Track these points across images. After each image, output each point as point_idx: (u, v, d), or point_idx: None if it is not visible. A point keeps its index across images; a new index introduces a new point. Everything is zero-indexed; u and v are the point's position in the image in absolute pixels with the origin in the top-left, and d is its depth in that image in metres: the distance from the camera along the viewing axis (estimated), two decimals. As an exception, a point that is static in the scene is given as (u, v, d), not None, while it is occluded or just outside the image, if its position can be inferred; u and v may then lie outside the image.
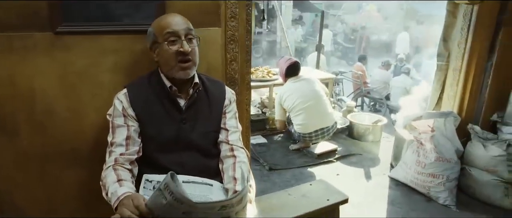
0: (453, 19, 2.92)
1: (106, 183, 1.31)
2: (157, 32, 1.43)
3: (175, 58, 1.40)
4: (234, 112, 1.63)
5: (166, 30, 1.40)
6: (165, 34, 1.40)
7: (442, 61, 3.04)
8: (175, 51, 1.40)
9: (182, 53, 1.40)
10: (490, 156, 2.68)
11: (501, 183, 2.66)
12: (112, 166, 1.34)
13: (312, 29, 13.76)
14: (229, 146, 1.55)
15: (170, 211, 1.08)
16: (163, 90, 1.47)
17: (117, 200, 1.20)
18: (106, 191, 1.29)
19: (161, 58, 1.44)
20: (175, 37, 1.40)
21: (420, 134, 2.85)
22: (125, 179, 1.31)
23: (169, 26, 1.40)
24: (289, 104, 3.47)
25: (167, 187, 1.02)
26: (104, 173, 1.35)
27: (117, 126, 1.42)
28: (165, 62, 1.44)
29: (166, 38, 1.40)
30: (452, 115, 2.86)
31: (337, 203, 1.93)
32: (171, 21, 1.42)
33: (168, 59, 1.41)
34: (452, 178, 2.72)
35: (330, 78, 4.65)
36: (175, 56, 1.40)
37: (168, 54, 1.40)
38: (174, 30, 1.40)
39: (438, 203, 2.73)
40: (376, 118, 4.18)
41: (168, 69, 1.44)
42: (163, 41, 1.41)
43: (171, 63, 1.42)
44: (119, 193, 1.22)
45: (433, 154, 2.73)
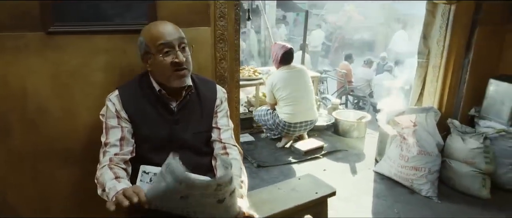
0: (432, 18, 3.04)
1: (102, 181, 1.32)
2: (149, 43, 1.41)
3: (170, 69, 1.40)
4: (226, 110, 1.66)
5: (159, 42, 1.38)
6: (159, 45, 1.38)
7: (422, 59, 3.15)
8: (170, 62, 1.39)
9: (177, 64, 1.40)
10: (469, 148, 2.80)
11: (478, 174, 2.79)
12: (108, 165, 1.36)
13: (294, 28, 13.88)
14: (222, 144, 1.59)
15: (168, 196, 1.10)
16: (154, 93, 1.49)
17: (116, 194, 1.22)
18: (102, 188, 1.31)
19: (155, 68, 1.43)
20: (169, 48, 1.39)
21: (403, 129, 2.96)
22: (122, 177, 1.34)
23: (162, 37, 1.39)
24: (282, 94, 3.54)
25: (168, 166, 1.05)
26: (99, 172, 1.36)
27: (111, 127, 1.44)
28: (160, 72, 1.43)
29: (160, 49, 1.38)
30: (432, 110, 2.98)
31: (326, 196, 2.00)
32: (163, 31, 1.40)
33: (164, 70, 1.41)
34: (433, 170, 2.83)
35: (315, 77, 4.73)
36: (170, 67, 1.40)
37: (163, 65, 1.39)
38: (167, 41, 1.38)
39: (420, 195, 2.84)
40: (360, 115, 4.29)
41: (164, 79, 1.44)
42: (156, 53, 1.39)
43: (167, 74, 1.41)
44: (118, 188, 1.24)
45: (415, 148, 2.84)
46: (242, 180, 1.51)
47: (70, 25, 1.54)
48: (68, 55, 1.57)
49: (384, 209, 2.71)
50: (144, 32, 1.45)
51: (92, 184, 1.70)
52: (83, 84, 1.63)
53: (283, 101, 3.57)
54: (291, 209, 1.88)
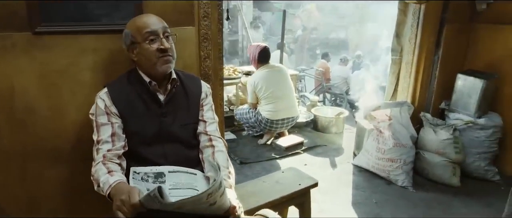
0: (404, 17, 3.20)
1: (97, 177, 1.36)
2: (135, 33, 1.48)
3: (156, 55, 1.48)
4: (211, 104, 1.73)
5: (145, 30, 1.46)
6: (145, 33, 1.46)
7: (396, 56, 3.31)
8: (155, 49, 1.47)
9: (163, 50, 1.48)
10: (440, 140, 2.98)
11: (449, 163, 2.96)
12: (102, 161, 1.40)
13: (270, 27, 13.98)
14: (207, 136, 1.65)
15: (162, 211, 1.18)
16: (143, 86, 1.54)
17: (109, 187, 1.27)
18: (97, 183, 1.35)
19: (141, 56, 1.50)
20: (154, 36, 1.48)
21: (379, 123, 3.10)
22: (115, 170, 1.38)
23: (147, 26, 1.47)
24: (264, 94, 3.63)
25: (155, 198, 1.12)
26: (94, 169, 1.40)
27: (101, 125, 1.47)
28: (146, 60, 1.50)
29: (145, 37, 1.47)
30: (406, 104, 3.14)
31: (308, 187, 2.09)
32: (147, 21, 1.49)
33: (150, 57, 1.48)
34: (408, 161, 2.98)
35: (294, 75, 4.85)
36: (156, 53, 1.48)
37: (149, 52, 1.47)
38: (152, 29, 1.47)
39: (397, 185, 2.99)
40: (338, 111, 4.43)
41: (150, 66, 1.50)
42: (143, 41, 1.47)
43: (153, 60, 1.48)
44: (111, 181, 1.29)
45: (391, 141, 2.98)
46: (229, 171, 1.57)
47: (58, 25, 1.56)
48: (55, 55, 1.59)
49: (363, 199, 2.83)
50: (129, 25, 1.52)
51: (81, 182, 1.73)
52: (71, 84, 1.65)
53: (265, 100, 3.66)
54: (276, 200, 1.96)
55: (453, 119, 3.15)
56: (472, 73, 3.07)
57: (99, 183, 1.34)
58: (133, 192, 1.21)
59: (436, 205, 2.74)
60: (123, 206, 1.18)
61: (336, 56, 8.67)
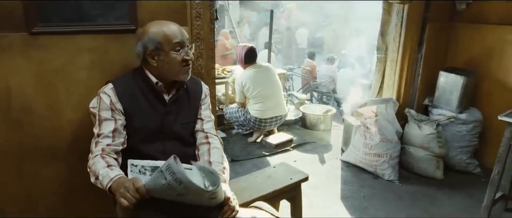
0: (388, 17, 3.30)
1: (95, 169, 1.39)
2: (163, 41, 1.51)
3: (180, 65, 1.54)
4: (208, 104, 1.80)
5: (175, 41, 1.51)
6: (174, 44, 1.51)
7: (381, 54, 3.41)
8: (181, 59, 1.54)
9: (187, 61, 1.55)
10: (424, 134, 3.09)
11: (433, 157, 3.08)
12: (100, 154, 1.43)
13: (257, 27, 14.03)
14: (204, 133, 1.71)
15: (167, 192, 1.23)
16: (148, 86, 1.58)
17: (110, 181, 1.31)
18: (95, 175, 1.38)
19: (164, 64, 1.54)
20: (181, 47, 1.54)
21: (365, 119, 3.20)
22: (114, 165, 1.42)
23: (176, 37, 1.52)
24: (252, 93, 3.69)
25: (169, 167, 1.17)
26: (92, 161, 1.43)
27: (104, 119, 1.50)
28: (169, 67, 1.54)
29: (174, 47, 1.52)
30: (391, 101, 3.25)
31: (300, 181, 2.16)
32: (176, 31, 1.54)
33: (175, 65, 1.54)
34: (394, 156, 3.09)
35: (282, 74, 4.92)
36: (181, 63, 1.54)
37: (175, 61, 1.53)
38: (181, 41, 1.53)
39: (383, 179, 3.09)
40: (326, 109, 4.53)
41: (172, 73, 1.56)
42: (170, 50, 1.52)
43: (176, 69, 1.55)
44: (112, 175, 1.33)
45: (377, 136, 3.08)
46: (224, 167, 1.64)
47: (54, 25, 1.59)
48: (52, 55, 1.62)
49: (351, 193, 2.92)
50: (153, 29, 1.52)
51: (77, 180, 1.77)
52: (67, 83, 1.68)
53: (254, 99, 3.72)
54: (268, 194, 2.02)
55: (436, 114, 3.27)
56: (453, 71, 3.20)
57: (97, 176, 1.37)
58: (137, 179, 1.26)
59: (421, 197, 2.85)
60: (127, 192, 1.22)
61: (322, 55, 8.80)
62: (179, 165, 1.20)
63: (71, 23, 1.63)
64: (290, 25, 12.02)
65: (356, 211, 2.67)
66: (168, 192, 1.22)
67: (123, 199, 1.22)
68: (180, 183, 1.18)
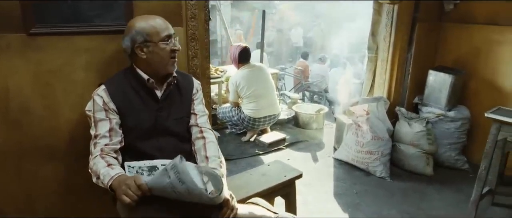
0: (378, 17, 3.37)
1: (96, 169, 1.42)
2: (151, 33, 1.56)
3: (169, 56, 1.60)
4: (201, 98, 1.83)
5: (164, 33, 1.58)
6: (163, 35, 1.57)
7: (372, 54, 3.48)
8: (170, 50, 1.60)
9: (175, 51, 1.62)
10: (414, 132, 3.16)
11: (423, 154, 3.16)
12: (99, 155, 1.46)
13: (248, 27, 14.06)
14: (198, 128, 1.75)
15: (168, 191, 1.26)
16: (140, 83, 1.61)
17: (111, 179, 1.34)
18: (96, 175, 1.41)
19: (154, 55, 1.58)
20: (170, 38, 1.60)
21: (357, 118, 3.26)
22: (114, 164, 1.45)
23: (165, 29, 1.59)
24: (245, 93, 3.74)
25: (174, 167, 1.20)
26: (92, 162, 1.46)
27: (99, 120, 1.53)
28: (159, 58, 1.59)
29: (163, 38, 1.57)
30: (382, 99, 3.31)
31: (293, 178, 2.20)
32: (162, 23, 1.60)
33: (164, 56, 1.59)
34: (385, 153, 3.16)
35: (274, 74, 4.97)
36: (169, 54, 1.60)
37: (164, 52, 1.59)
38: (170, 33, 1.60)
39: (375, 176, 3.16)
40: (318, 107, 4.59)
41: (161, 65, 1.60)
42: (159, 41, 1.57)
43: (166, 60, 1.60)
44: (112, 173, 1.36)
45: (369, 134, 3.15)
46: (221, 161, 1.68)
47: (52, 26, 1.61)
48: (49, 56, 1.64)
49: (344, 190, 2.98)
50: (140, 23, 1.57)
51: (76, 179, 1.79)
52: (65, 83, 1.70)
53: (247, 99, 3.77)
54: (263, 191, 2.06)
55: (425, 112, 3.34)
56: (442, 69, 3.28)
57: (98, 175, 1.40)
58: (138, 176, 1.30)
59: (412, 193, 2.92)
60: (129, 189, 1.25)
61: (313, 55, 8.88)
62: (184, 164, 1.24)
63: (68, 24, 1.65)
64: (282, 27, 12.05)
65: (349, 208, 2.72)
66: (170, 191, 1.26)
67: (125, 196, 1.25)
68: (183, 183, 1.22)
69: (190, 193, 1.26)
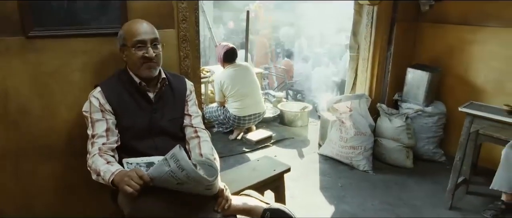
0: (359, 17, 3.51)
1: (95, 167, 1.48)
2: (126, 37, 1.62)
3: (140, 61, 1.62)
4: (194, 100, 1.91)
5: (135, 38, 1.60)
6: (134, 41, 1.61)
7: (353, 53, 3.62)
8: (141, 56, 1.62)
9: (147, 58, 1.63)
10: (394, 127, 3.32)
11: (403, 148, 3.32)
12: (98, 153, 1.53)
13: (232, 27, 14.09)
14: (193, 128, 1.83)
15: (168, 180, 1.34)
16: (133, 85, 1.68)
17: (112, 174, 1.41)
18: (97, 172, 1.47)
19: (129, 59, 1.65)
20: (142, 44, 1.62)
21: (341, 114, 3.40)
22: (113, 161, 1.52)
23: (138, 34, 1.61)
24: (230, 92, 3.83)
25: (173, 155, 1.29)
26: (91, 160, 1.52)
27: (96, 120, 1.59)
28: (132, 63, 1.65)
29: (134, 44, 1.61)
30: (364, 97, 3.46)
31: (282, 172, 2.32)
32: (140, 29, 1.62)
33: (135, 62, 1.63)
34: (368, 148, 3.30)
35: (258, 73, 5.07)
36: (140, 60, 1.62)
37: (135, 57, 1.62)
38: (142, 39, 1.61)
39: (359, 169, 3.30)
40: (303, 105, 4.72)
41: (135, 69, 1.66)
42: (131, 46, 1.61)
43: (137, 65, 1.64)
44: (113, 169, 1.43)
45: (352, 130, 3.29)
46: (215, 158, 1.77)
47: (49, 29, 1.66)
48: (47, 58, 1.69)
49: (330, 184, 3.11)
50: (124, 27, 1.66)
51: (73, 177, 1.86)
52: (62, 84, 1.75)
53: (232, 98, 3.86)
54: (254, 185, 2.16)
55: (405, 108, 3.51)
56: (419, 67, 3.45)
57: (99, 172, 1.46)
58: (139, 169, 1.38)
59: (394, 185, 3.08)
60: (131, 180, 1.33)
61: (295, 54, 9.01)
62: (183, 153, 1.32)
63: (65, 27, 1.70)
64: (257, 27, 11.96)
65: (335, 200, 2.85)
66: (170, 179, 1.34)
67: (128, 186, 1.32)
68: (183, 170, 1.30)
69: (190, 178, 1.33)
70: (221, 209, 1.57)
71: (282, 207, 1.69)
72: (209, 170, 1.57)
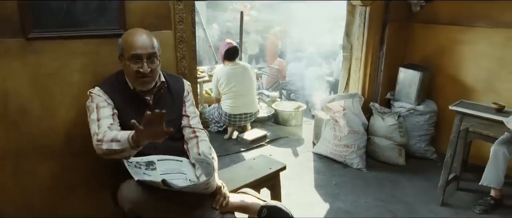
0: (352, 18, 3.57)
1: (109, 136, 1.46)
2: (124, 48, 1.63)
3: (134, 75, 1.63)
4: (192, 100, 1.94)
5: (131, 52, 1.60)
6: (130, 54, 1.60)
7: (346, 53, 3.68)
8: (136, 70, 1.62)
9: (141, 73, 1.62)
10: (387, 125, 3.39)
11: (395, 146, 3.39)
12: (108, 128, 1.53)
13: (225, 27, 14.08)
14: (191, 129, 1.86)
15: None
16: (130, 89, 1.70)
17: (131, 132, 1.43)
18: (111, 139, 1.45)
19: (125, 70, 1.67)
20: (138, 59, 1.61)
21: (334, 113, 3.45)
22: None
23: (135, 48, 1.60)
24: (225, 88, 3.88)
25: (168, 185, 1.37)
26: (101, 134, 1.49)
27: (102, 106, 1.59)
28: (128, 74, 1.67)
29: (130, 57, 1.61)
30: (357, 96, 3.52)
31: (278, 170, 2.36)
32: (137, 43, 1.60)
33: (130, 73, 1.65)
34: (361, 146, 3.37)
35: (253, 73, 5.11)
36: (135, 73, 1.63)
37: (130, 70, 1.63)
38: (137, 53, 1.59)
39: (352, 167, 3.37)
40: (297, 105, 4.77)
41: (131, 80, 1.68)
42: (127, 59, 1.62)
43: (131, 77, 1.65)
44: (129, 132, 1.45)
45: (346, 128, 3.35)
46: (213, 157, 1.80)
47: (49, 31, 1.68)
48: (47, 59, 1.71)
49: (324, 182, 3.16)
50: (124, 36, 1.67)
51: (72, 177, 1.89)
52: (62, 85, 1.77)
53: (226, 95, 3.92)
54: (250, 183, 2.20)
55: (397, 107, 3.58)
56: (411, 67, 3.52)
57: (112, 138, 1.45)
58: None
59: (387, 182, 3.14)
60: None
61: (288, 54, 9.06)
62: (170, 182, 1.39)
63: (64, 28, 1.72)
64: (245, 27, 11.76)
65: (329, 198, 2.91)
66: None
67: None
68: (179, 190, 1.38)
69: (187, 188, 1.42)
70: (219, 207, 1.61)
71: (278, 204, 1.73)
72: (206, 168, 1.61)
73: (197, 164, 1.71)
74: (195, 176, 1.70)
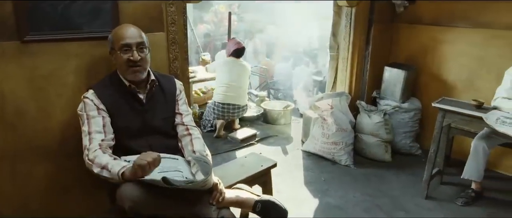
0: (338, 18, 3.66)
1: (99, 161, 1.52)
2: (114, 41, 1.71)
3: (126, 64, 1.70)
4: (184, 99, 2.00)
5: (121, 42, 1.68)
6: (120, 44, 1.68)
7: (333, 52, 3.76)
8: (126, 59, 1.69)
9: (132, 61, 1.70)
10: (373, 123, 3.49)
11: (382, 143, 3.49)
12: (99, 149, 1.58)
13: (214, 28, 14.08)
14: (184, 126, 1.91)
15: None
16: (124, 87, 1.75)
17: (122, 168, 1.48)
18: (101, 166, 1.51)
19: (117, 62, 1.73)
20: (128, 48, 1.69)
21: (322, 112, 3.54)
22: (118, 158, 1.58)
23: (124, 38, 1.69)
24: (219, 76, 4.05)
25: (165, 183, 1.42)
26: (93, 155, 1.56)
27: (92, 117, 1.65)
28: (119, 66, 1.74)
29: (120, 47, 1.69)
30: (344, 94, 3.62)
31: (269, 167, 2.42)
32: (126, 33, 1.70)
33: (121, 65, 1.71)
34: (349, 143, 3.46)
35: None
36: (126, 62, 1.70)
37: (121, 60, 1.70)
38: (127, 42, 1.69)
39: (341, 164, 3.46)
40: (285, 104, 4.85)
41: (122, 72, 1.74)
42: (118, 50, 1.69)
43: (123, 68, 1.72)
44: (122, 164, 1.51)
45: (334, 126, 3.43)
46: (206, 154, 1.86)
47: (44, 34, 1.71)
48: (42, 61, 1.74)
49: (313, 179, 3.24)
50: (113, 31, 1.74)
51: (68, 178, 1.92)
52: (57, 87, 1.81)
53: (218, 83, 4.07)
54: (242, 180, 2.25)
55: (383, 104, 3.69)
56: (396, 66, 3.63)
57: (104, 166, 1.51)
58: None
59: (374, 178, 3.24)
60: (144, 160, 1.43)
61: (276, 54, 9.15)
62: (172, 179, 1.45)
63: (59, 31, 1.76)
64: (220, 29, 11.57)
65: (319, 194, 2.99)
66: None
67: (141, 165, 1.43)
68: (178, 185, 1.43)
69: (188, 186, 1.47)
70: (215, 202, 1.67)
71: (272, 199, 1.80)
72: (204, 167, 1.67)
73: (195, 162, 1.76)
74: (190, 173, 1.75)
